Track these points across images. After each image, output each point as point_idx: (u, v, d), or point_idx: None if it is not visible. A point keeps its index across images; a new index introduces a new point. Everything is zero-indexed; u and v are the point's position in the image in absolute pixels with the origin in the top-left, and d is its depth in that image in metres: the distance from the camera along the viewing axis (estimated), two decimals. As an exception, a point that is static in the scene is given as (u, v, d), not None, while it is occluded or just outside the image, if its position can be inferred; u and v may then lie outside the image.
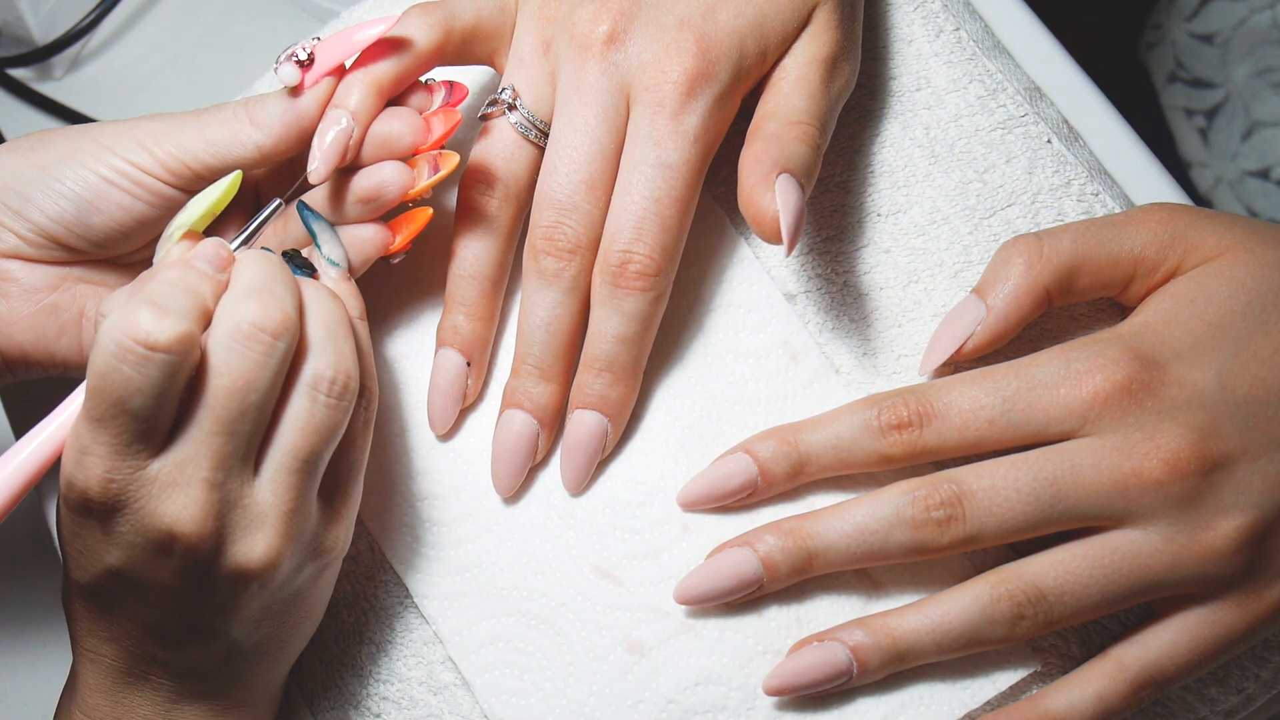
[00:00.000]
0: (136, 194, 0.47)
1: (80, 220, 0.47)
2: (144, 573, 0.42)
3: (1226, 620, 0.46)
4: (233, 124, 0.47)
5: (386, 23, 0.46)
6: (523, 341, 0.49)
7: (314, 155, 0.46)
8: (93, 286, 0.49)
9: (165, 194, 0.47)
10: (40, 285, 0.48)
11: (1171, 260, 0.48)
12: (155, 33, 0.73)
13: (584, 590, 0.49)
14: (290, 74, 0.47)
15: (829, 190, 0.53)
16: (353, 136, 0.46)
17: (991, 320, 0.48)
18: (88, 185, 0.46)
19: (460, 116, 0.48)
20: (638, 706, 0.48)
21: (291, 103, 0.47)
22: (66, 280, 0.48)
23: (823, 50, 0.49)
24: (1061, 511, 0.45)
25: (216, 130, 0.47)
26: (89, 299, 0.49)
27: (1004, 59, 0.56)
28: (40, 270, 0.48)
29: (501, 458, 0.49)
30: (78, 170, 0.46)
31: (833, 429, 0.48)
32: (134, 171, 0.47)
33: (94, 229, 0.47)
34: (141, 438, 0.40)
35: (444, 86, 0.49)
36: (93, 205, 0.47)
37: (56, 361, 0.49)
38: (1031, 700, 0.47)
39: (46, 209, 0.46)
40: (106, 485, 0.41)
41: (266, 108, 0.47)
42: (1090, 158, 0.55)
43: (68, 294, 0.48)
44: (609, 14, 0.48)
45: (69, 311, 0.48)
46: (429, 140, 0.47)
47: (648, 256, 0.47)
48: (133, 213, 0.47)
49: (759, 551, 0.47)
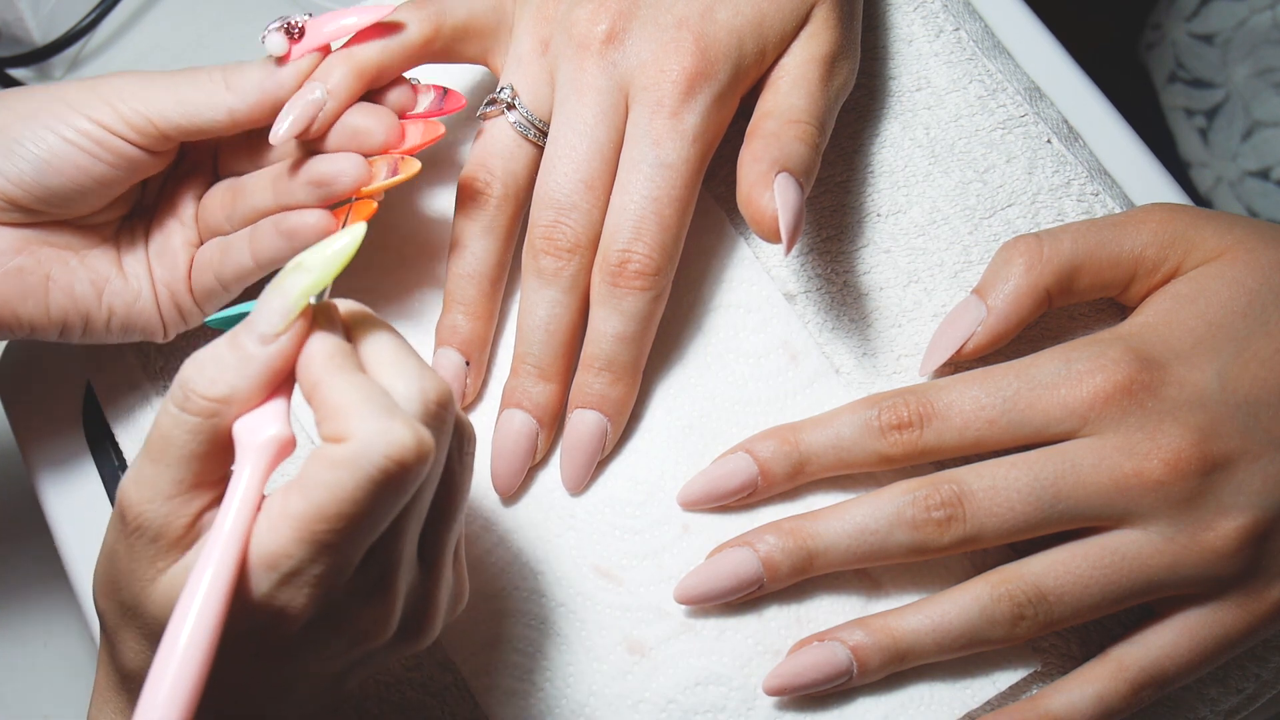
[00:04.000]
0: (97, 154, 0.46)
1: (39, 182, 0.46)
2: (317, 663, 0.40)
3: (1227, 620, 0.46)
4: (207, 86, 0.47)
5: (381, 10, 0.47)
6: (522, 341, 0.49)
7: (281, 116, 0.46)
8: (55, 250, 0.48)
9: (127, 153, 0.47)
10: (4, 248, 0.47)
11: (1172, 260, 0.48)
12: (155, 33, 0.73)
13: (584, 590, 0.49)
14: (278, 43, 0.47)
15: (829, 190, 0.53)
16: (323, 109, 0.47)
17: (992, 321, 0.48)
18: (47, 147, 0.46)
19: (443, 131, 0.48)
20: (638, 706, 0.48)
21: (273, 71, 0.47)
22: (30, 243, 0.48)
23: (821, 49, 0.49)
24: (1062, 512, 0.45)
25: (189, 90, 0.47)
26: (54, 263, 0.48)
27: (1004, 59, 0.56)
28: (2, 233, 0.47)
29: (501, 457, 0.49)
30: (38, 131, 0.46)
31: (833, 429, 0.48)
32: (96, 130, 0.46)
33: (52, 191, 0.47)
34: (353, 564, 0.38)
35: (435, 91, 0.49)
36: (51, 167, 0.46)
37: (22, 323, 0.48)
38: (1031, 700, 0.47)
39: (5, 171, 0.46)
40: (316, 605, 0.37)
41: (245, 74, 0.47)
42: (1090, 158, 0.55)
43: (33, 258, 0.48)
44: (608, 13, 0.48)
45: (34, 275, 0.48)
46: (402, 145, 0.47)
47: (647, 256, 0.47)
48: (92, 174, 0.47)
49: (759, 551, 0.47)
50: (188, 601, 0.35)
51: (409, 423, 0.36)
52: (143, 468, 0.38)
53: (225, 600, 0.35)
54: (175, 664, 0.34)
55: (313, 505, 0.36)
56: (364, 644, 0.40)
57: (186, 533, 0.38)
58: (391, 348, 0.39)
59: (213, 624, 0.35)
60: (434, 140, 0.47)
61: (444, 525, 0.41)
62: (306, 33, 0.47)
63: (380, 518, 0.37)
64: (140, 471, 0.38)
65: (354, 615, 0.39)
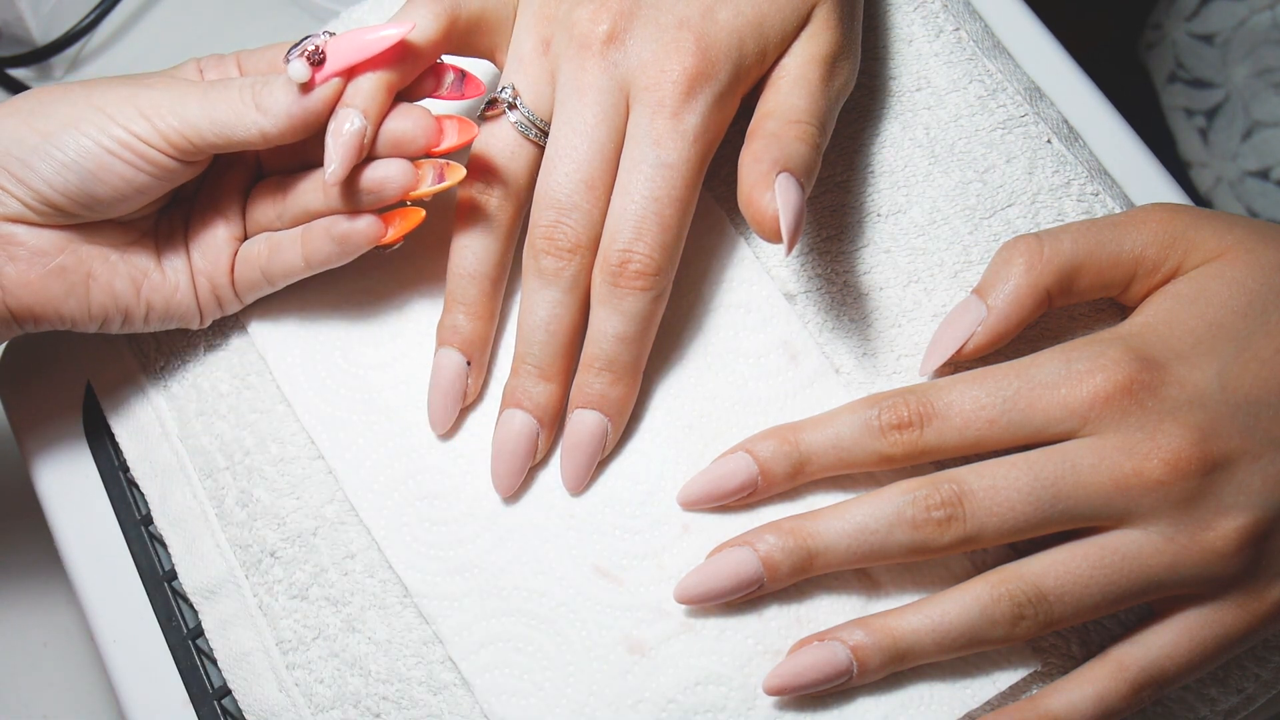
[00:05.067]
0: (139, 165, 0.47)
1: (83, 190, 0.47)
2: None
3: (1227, 620, 0.46)
4: (238, 106, 0.47)
5: (401, 27, 0.47)
6: (522, 341, 0.49)
7: (330, 157, 0.47)
8: (97, 247, 0.49)
9: (166, 165, 0.48)
10: (47, 248, 0.48)
11: (1172, 260, 0.48)
12: (155, 33, 0.73)
13: (584, 590, 0.49)
14: (300, 71, 0.47)
15: (829, 190, 0.53)
16: (366, 136, 0.47)
17: (992, 321, 0.48)
18: (90, 156, 0.47)
19: (477, 131, 0.48)
20: (638, 706, 0.48)
21: (300, 98, 0.47)
22: (72, 242, 0.49)
23: (822, 49, 0.49)
24: (1062, 511, 0.45)
25: (222, 110, 0.47)
26: (95, 260, 0.49)
27: (1004, 59, 0.56)
28: (45, 233, 0.49)
29: (501, 457, 0.49)
30: (80, 140, 0.47)
31: (833, 428, 0.48)
32: (136, 143, 0.47)
33: (95, 198, 0.48)
34: None
35: (454, 72, 0.49)
36: (95, 175, 0.47)
37: (64, 318, 0.50)
38: (1031, 700, 0.47)
39: (49, 178, 0.47)
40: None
41: (274, 95, 0.47)
42: (1090, 158, 0.55)
43: (74, 255, 0.49)
44: (608, 13, 0.48)
45: (76, 273, 0.49)
46: (441, 145, 0.48)
47: (647, 256, 0.47)
48: (134, 183, 0.48)
49: (759, 551, 0.47)
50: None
51: None
52: None
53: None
54: None
55: None
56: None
57: None
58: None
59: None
60: (470, 140, 0.48)
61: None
62: (328, 58, 0.47)
63: None
64: None
65: None
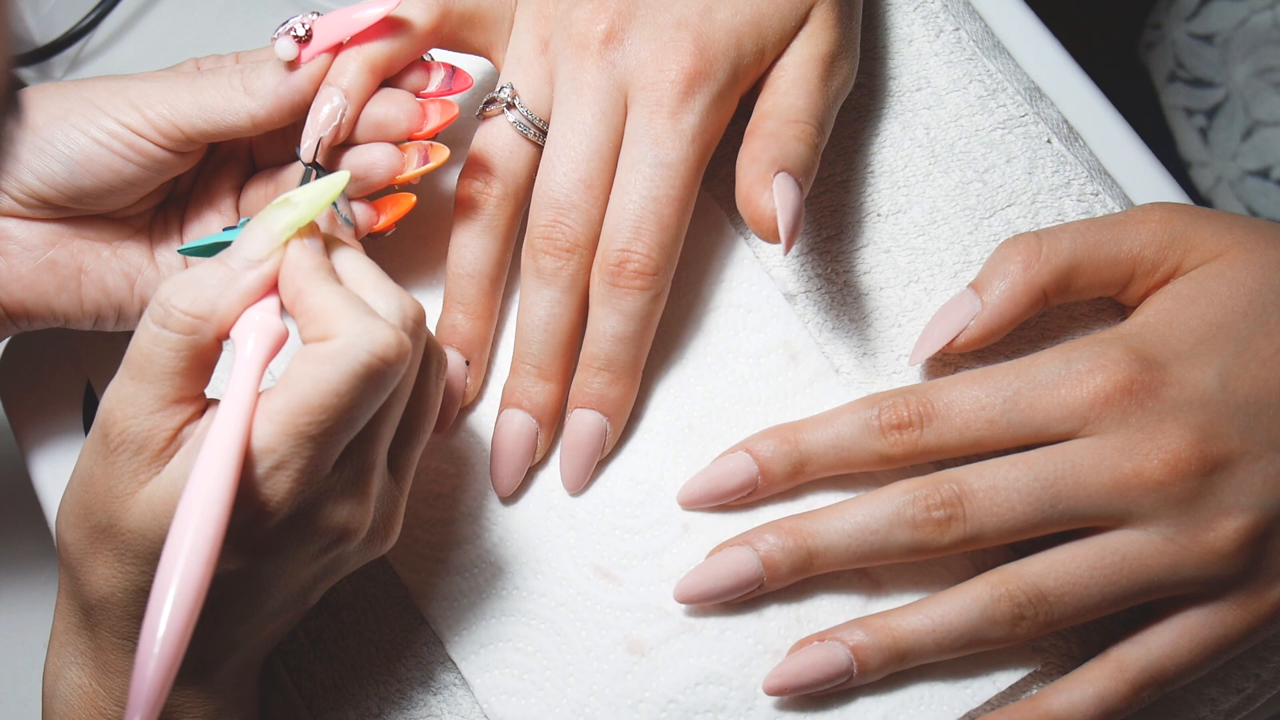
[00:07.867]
0: (128, 156, 0.47)
1: (71, 183, 0.47)
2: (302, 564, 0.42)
3: (1227, 620, 0.46)
4: (227, 91, 0.47)
5: (386, 4, 0.47)
6: (521, 341, 0.49)
7: (307, 133, 0.47)
8: (88, 242, 0.49)
9: (156, 155, 0.48)
10: (37, 242, 0.48)
11: (1171, 260, 0.48)
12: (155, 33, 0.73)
13: (584, 590, 0.49)
14: (287, 49, 0.47)
15: (829, 190, 0.53)
16: (345, 114, 0.47)
17: (985, 316, 0.48)
18: (79, 148, 0.47)
19: (458, 110, 0.48)
20: (638, 706, 0.48)
21: (286, 76, 0.47)
22: (63, 237, 0.49)
23: (820, 49, 0.49)
24: (1062, 512, 0.45)
25: (211, 96, 0.47)
26: (86, 255, 0.49)
27: (1004, 59, 0.56)
28: (35, 227, 0.48)
29: (501, 457, 0.49)
30: (69, 132, 0.47)
31: (833, 428, 0.48)
32: (125, 134, 0.47)
33: (84, 190, 0.47)
34: (332, 459, 0.40)
35: (444, 69, 0.49)
36: (83, 168, 0.47)
37: (56, 315, 0.49)
38: (1032, 700, 0.47)
39: (37, 170, 0.47)
40: (296, 499, 0.39)
41: (262, 78, 0.47)
42: (1090, 158, 0.55)
43: (65, 250, 0.49)
44: (607, 13, 0.48)
45: (68, 268, 0.49)
46: (424, 128, 0.47)
47: (646, 255, 0.47)
48: (123, 174, 0.47)
49: (759, 550, 0.47)
50: (196, 488, 0.37)
51: (390, 324, 0.39)
52: (123, 386, 0.40)
53: (232, 487, 0.37)
54: (187, 546, 0.36)
55: (296, 398, 0.38)
56: (339, 544, 0.42)
57: (168, 445, 0.40)
58: (370, 269, 0.42)
59: (221, 507, 0.37)
60: (451, 120, 0.48)
61: (413, 440, 0.44)
62: (314, 35, 0.47)
63: (361, 413, 0.39)
64: (121, 389, 0.40)
65: (332, 511, 0.41)
